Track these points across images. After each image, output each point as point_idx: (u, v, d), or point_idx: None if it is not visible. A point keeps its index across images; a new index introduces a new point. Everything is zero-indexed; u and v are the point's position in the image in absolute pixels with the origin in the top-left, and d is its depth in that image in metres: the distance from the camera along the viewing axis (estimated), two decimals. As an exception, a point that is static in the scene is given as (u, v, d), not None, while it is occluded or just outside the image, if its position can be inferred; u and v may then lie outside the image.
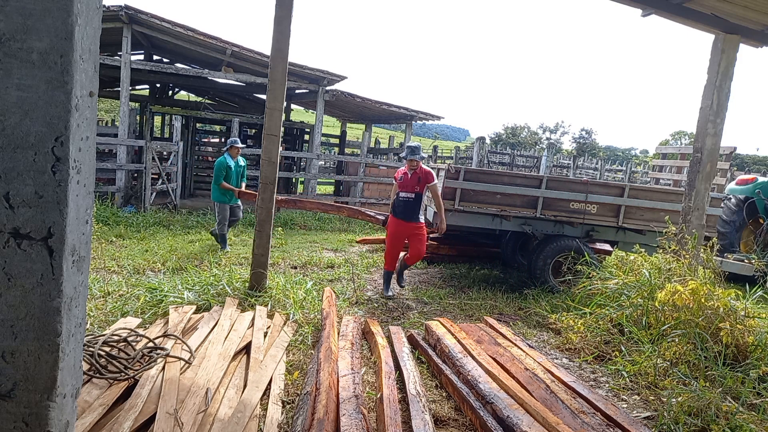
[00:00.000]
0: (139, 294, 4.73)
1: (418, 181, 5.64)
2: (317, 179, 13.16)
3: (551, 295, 6.03)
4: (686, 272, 4.82)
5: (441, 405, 3.26)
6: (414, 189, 5.64)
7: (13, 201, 1.29)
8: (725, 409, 3.14)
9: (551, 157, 25.91)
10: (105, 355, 3.06)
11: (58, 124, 1.28)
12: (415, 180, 5.64)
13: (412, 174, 5.65)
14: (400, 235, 5.77)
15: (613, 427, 2.90)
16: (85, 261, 1.46)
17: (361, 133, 14.97)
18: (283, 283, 5.26)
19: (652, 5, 5.45)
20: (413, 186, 5.63)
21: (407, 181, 5.67)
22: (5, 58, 1.25)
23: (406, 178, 5.68)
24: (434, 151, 24.52)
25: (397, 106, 12.99)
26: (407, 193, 5.66)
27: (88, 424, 2.46)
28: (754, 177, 9.11)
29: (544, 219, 6.50)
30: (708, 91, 5.76)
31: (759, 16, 5.34)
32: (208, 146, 19.05)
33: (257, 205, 5.24)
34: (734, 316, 4.08)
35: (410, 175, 5.66)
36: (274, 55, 4.96)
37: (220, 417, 2.72)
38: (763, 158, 51.88)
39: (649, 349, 4.10)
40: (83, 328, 1.49)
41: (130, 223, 8.77)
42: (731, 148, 9.66)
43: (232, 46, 10.69)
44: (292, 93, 13.62)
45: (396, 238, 5.80)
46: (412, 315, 5.20)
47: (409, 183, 5.65)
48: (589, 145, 62.51)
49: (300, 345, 4.02)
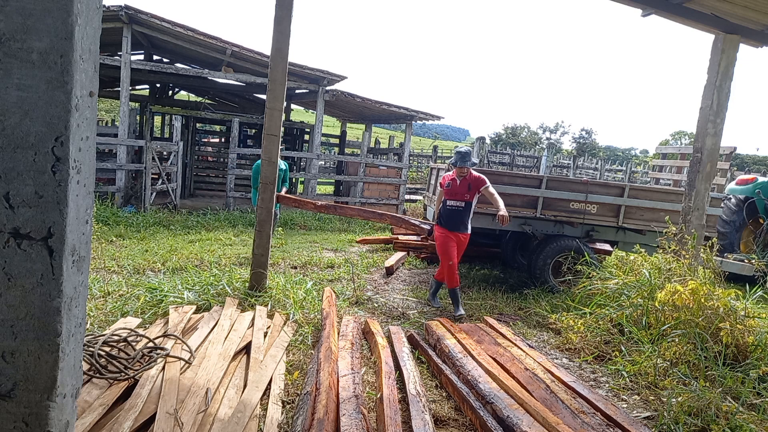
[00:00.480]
0: (139, 294, 4.73)
1: (468, 189, 5.23)
2: (317, 179, 13.17)
3: (551, 295, 6.03)
4: (686, 272, 4.82)
5: (441, 405, 3.26)
6: (464, 197, 5.23)
7: (13, 201, 1.29)
8: (725, 409, 3.14)
9: (551, 157, 25.94)
10: (105, 355, 3.06)
11: (58, 124, 1.28)
12: (464, 187, 5.23)
13: (462, 181, 5.24)
14: (451, 245, 5.28)
15: (613, 427, 2.90)
16: (85, 261, 1.46)
17: (361, 133, 14.98)
18: (283, 283, 5.26)
19: (652, 5, 5.45)
20: (462, 194, 5.23)
21: (456, 188, 5.26)
22: (5, 58, 1.25)
23: (455, 185, 5.27)
24: (434, 151, 24.54)
25: (397, 106, 13.00)
26: (456, 201, 5.26)
27: (88, 424, 2.46)
28: (754, 177, 9.11)
29: (544, 219, 6.50)
30: (708, 91, 5.76)
31: (759, 16, 5.34)
32: (208, 146, 19.08)
33: (257, 205, 5.24)
34: (734, 316, 4.09)
35: (459, 181, 5.25)
36: (274, 55, 4.96)
37: (220, 417, 2.72)
38: (763, 158, 51.87)
39: (649, 349, 4.10)
40: (83, 328, 1.49)
41: (130, 223, 8.77)
42: (731, 148, 9.66)
43: (232, 46, 10.69)
44: (292, 93, 13.62)
45: (447, 248, 5.28)
46: (412, 315, 5.20)
47: (459, 191, 5.25)
48: (589, 145, 62.52)
49: (300, 345, 4.02)
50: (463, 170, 5.22)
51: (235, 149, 11.61)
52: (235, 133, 11.67)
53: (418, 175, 24.90)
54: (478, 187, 5.22)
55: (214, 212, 10.59)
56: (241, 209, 11.35)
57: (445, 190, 5.34)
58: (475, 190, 5.23)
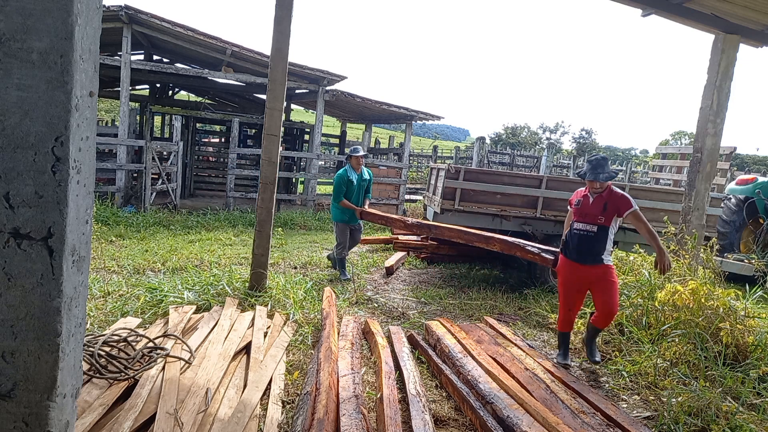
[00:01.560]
0: (139, 294, 4.73)
1: (603, 210, 3.94)
2: (317, 179, 13.17)
3: (551, 295, 6.03)
4: (686, 272, 4.83)
5: (441, 405, 3.26)
6: (596, 220, 3.96)
7: (13, 201, 1.29)
8: (725, 409, 3.14)
9: (551, 157, 25.95)
10: (105, 355, 3.06)
11: (58, 124, 1.28)
12: (598, 207, 3.97)
13: (596, 198, 4.01)
14: (575, 284, 4.07)
15: (613, 427, 2.90)
16: (85, 261, 1.46)
17: (361, 133, 14.97)
18: (283, 283, 5.26)
19: (652, 5, 5.46)
20: (595, 216, 3.97)
21: (587, 208, 4.03)
22: (5, 58, 1.25)
23: (586, 203, 4.05)
24: (434, 151, 24.56)
25: (397, 106, 12.99)
26: (585, 224, 4.00)
27: (88, 424, 2.46)
28: (754, 177, 9.13)
29: (544, 219, 6.50)
30: (708, 91, 5.76)
31: (759, 16, 5.35)
32: (208, 146, 19.07)
33: (257, 205, 5.23)
34: (734, 316, 4.09)
35: (592, 199, 4.03)
36: (274, 55, 4.96)
37: (220, 417, 2.72)
38: (763, 158, 51.88)
39: (649, 349, 4.10)
40: (83, 328, 1.49)
41: (130, 223, 8.77)
42: (731, 148, 9.67)
43: (232, 46, 10.69)
44: (292, 93, 13.62)
45: (570, 288, 4.09)
46: (412, 315, 5.19)
47: (590, 211, 4.01)
48: (589, 145, 62.49)
49: (300, 345, 4.02)
50: (596, 185, 3.99)
51: (235, 149, 11.61)
52: (235, 133, 11.66)
53: (418, 175, 24.91)
54: (619, 208, 3.92)
55: (214, 212, 10.59)
56: (241, 209, 11.34)
57: (574, 209, 4.15)
58: (614, 212, 3.93)
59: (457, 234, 5.13)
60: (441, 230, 5.30)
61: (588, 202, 4.04)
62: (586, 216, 4.03)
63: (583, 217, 4.04)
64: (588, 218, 4.01)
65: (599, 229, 3.96)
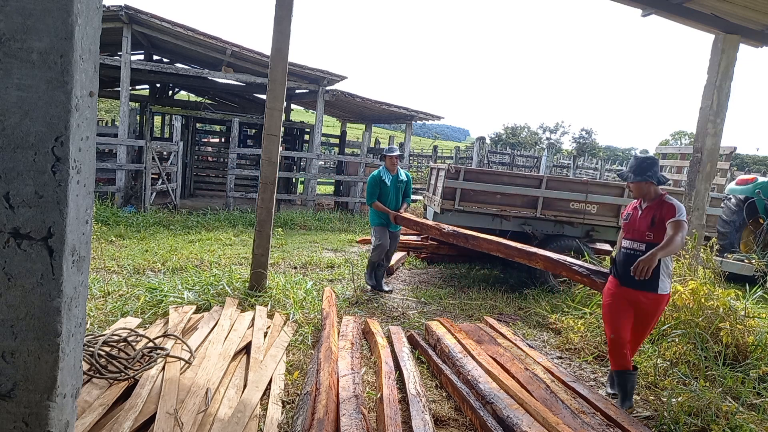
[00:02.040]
0: (139, 294, 4.73)
1: (652, 224, 3.32)
2: (317, 179, 13.18)
3: (551, 295, 6.03)
4: (686, 272, 4.82)
5: (441, 405, 3.26)
6: (644, 237, 3.34)
7: (13, 201, 1.29)
8: (725, 409, 3.14)
9: (551, 157, 25.95)
10: (105, 355, 3.06)
11: (58, 124, 1.28)
12: (647, 220, 3.35)
13: (645, 210, 3.40)
14: (622, 307, 3.37)
15: (613, 427, 2.90)
16: (85, 261, 1.46)
17: (361, 133, 14.98)
18: (283, 283, 5.26)
19: (652, 5, 5.46)
20: (643, 232, 3.35)
21: (634, 222, 3.44)
22: (5, 58, 1.25)
23: (635, 216, 3.46)
24: (434, 151, 24.56)
25: (397, 106, 13.00)
26: (632, 241, 3.40)
27: (88, 424, 2.46)
28: (754, 177, 9.13)
29: (544, 219, 6.50)
30: (708, 91, 5.76)
31: (759, 16, 5.34)
32: (208, 146, 19.07)
33: (257, 205, 5.23)
34: (734, 316, 4.09)
35: (641, 211, 3.42)
36: (274, 55, 4.96)
37: (220, 417, 2.72)
38: (763, 158, 51.89)
39: (649, 349, 4.10)
40: (83, 328, 1.49)
41: (130, 223, 8.77)
42: (731, 148, 9.66)
43: (232, 46, 10.69)
44: (292, 93, 13.62)
45: (615, 311, 3.39)
46: (412, 315, 5.19)
47: (638, 226, 3.40)
48: (589, 145, 62.51)
49: (300, 345, 4.02)
50: (642, 187, 3.39)
51: (235, 149, 11.61)
52: (235, 133, 11.67)
53: (418, 175, 24.90)
54: (663, 219, 3.27)
55: (214, 212, 10.59)
56: (241, 209, 11.34)
57: (623, 224, 3.59)
58: (663, 226, 3.26)
59: (496, 247, 4.83)
60: (479, 242, 4.97)
61: (636, 216, 3.44)
62: (634, 232, 3.42)
63: (631, 233, 3.44)
64: (636, 234, 3.40)
65: (648, 248, 3.24)
